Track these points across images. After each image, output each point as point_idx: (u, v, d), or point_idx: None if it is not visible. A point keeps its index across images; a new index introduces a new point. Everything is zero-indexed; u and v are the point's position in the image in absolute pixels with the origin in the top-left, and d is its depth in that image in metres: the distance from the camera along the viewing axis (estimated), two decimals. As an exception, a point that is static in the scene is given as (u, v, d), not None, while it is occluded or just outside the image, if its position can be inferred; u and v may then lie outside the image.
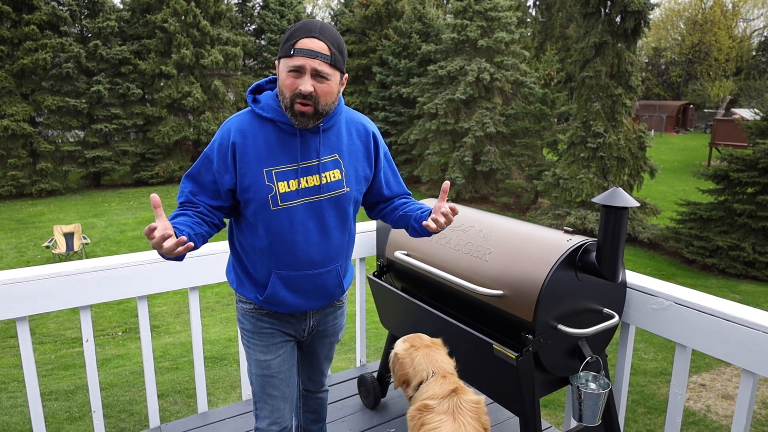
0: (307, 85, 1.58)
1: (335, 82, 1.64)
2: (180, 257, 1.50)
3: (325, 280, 1.84)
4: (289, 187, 1.69)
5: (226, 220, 1.87)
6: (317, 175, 1.73)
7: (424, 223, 1.70)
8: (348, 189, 1.78)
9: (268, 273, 1.79)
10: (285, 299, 1.81)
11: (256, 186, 1.67)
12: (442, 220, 1.69)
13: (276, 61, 1.68)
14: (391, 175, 1.99)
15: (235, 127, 1.70)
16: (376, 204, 2.02)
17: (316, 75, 1.59)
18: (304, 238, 1.74)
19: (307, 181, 1.71)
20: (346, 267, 1.93)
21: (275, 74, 1.74)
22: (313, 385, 2.21)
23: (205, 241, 1.69)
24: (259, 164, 1.67)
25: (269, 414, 1.92)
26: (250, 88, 1.77)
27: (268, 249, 1.75)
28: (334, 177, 1.75)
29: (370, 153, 1.87)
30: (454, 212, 1.69)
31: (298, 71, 1.59)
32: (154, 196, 1.46)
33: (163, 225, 1.46)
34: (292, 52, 1.58)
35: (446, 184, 1.70)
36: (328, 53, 1.59)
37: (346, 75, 1.72)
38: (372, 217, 2.10)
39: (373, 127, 1.90)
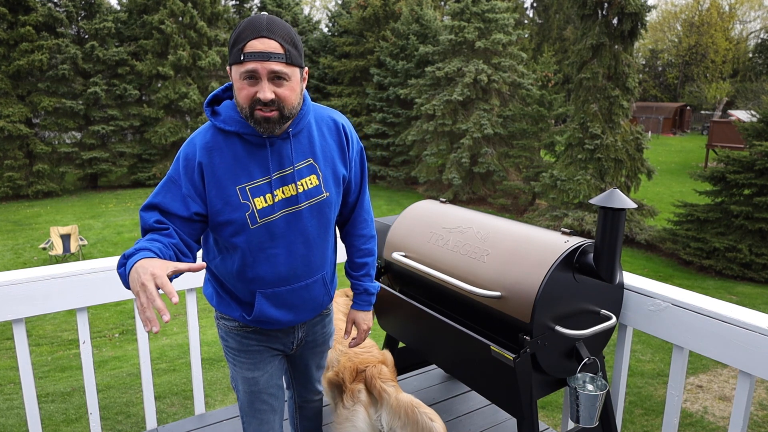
0: (266, 92, 1.45)
1: (296, 81, 1.51)
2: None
3: (311, 292, 1.77)
4: (266, 201, 1.58)
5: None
6: (293, 184, 1.61)
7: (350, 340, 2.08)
8: (327, 194, 1.69)
9: (251, 293, 1.69)
10: (274, 317, 1.73)
11: (231, 206, 1.55)
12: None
13: (227, 68, 1.52)
14: (358, 183, 1.86)
15: (199, 145, 1.56)
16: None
17: (274, 78, 1.46)
18: (287, 251, 1.65)
19: (283, 192, 1.60)
20: (332, 273, 1.88)
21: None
22: (308, 392, 2.19)
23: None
24: (231, 182, 1.55)
25: (257, 428, 1.88)
26: (206, 100, 1.61)
27: (250, 269, 1.64)
28: (312, 183, 1.65)
29: (344, 150, 1.74)
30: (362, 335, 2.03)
31: (253, 77, 1.45)
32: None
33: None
34: (242, 58, 1.43)
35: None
36: (281, 51, 1.45)
37: (306, 69, 1.59)
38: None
39: (342, 119, 1.77)
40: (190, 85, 22.08)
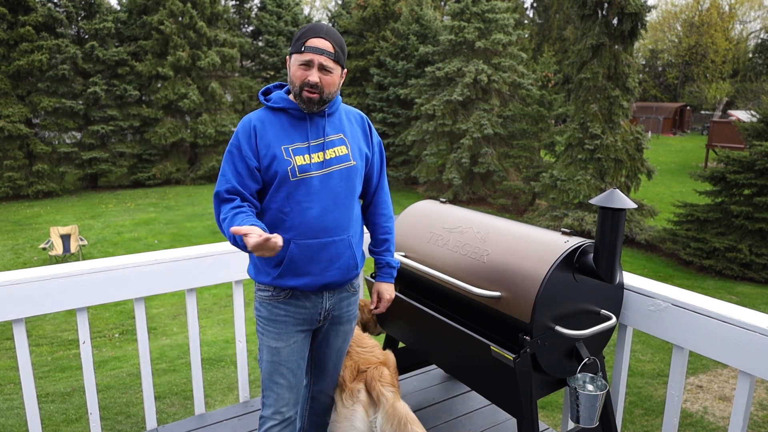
0: (314, 76, 1.88)
1: (337, 75, 1.95)
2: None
3: (338, 249, 1.99)
4: (304, 160, 1.94)
5: None
6: (327, 150, 1.99)
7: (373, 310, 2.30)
8: (354, 162, 2.03)
9: (286, 244, 1.95)
10: (304, 269, 1.96)
11: (278, 160, 1.92)
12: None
13: (287, 57, 1.98)
14: (379, 169, 2.22)
15: (254, 117, 1.99)
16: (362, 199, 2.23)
17: (322, 68, 1.89)
18: (320, 206, 1.95)
19: (318, 156, 1.97)
20: (358, 240, 2.09)
21: (274, 76, 1.89)
22: (324, 382, 2.24)
23: None
24: (277, 143, 1.94)
25: (274, 402, 2.03)
26: (261, 91, 2.07)
27: (287, 219, 1.94)
28: (342, 152, 2.02)
29: (367, 136, 2.15)
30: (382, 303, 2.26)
31: (308, 65, 1.89)
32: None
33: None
34: (303, 49, 1.88)
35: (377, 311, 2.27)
36: (332, 51, 1.90)
37: (345, 70, 2.03)
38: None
39: (365, 115, 2.20)
40: (189, 86, 22.08)
